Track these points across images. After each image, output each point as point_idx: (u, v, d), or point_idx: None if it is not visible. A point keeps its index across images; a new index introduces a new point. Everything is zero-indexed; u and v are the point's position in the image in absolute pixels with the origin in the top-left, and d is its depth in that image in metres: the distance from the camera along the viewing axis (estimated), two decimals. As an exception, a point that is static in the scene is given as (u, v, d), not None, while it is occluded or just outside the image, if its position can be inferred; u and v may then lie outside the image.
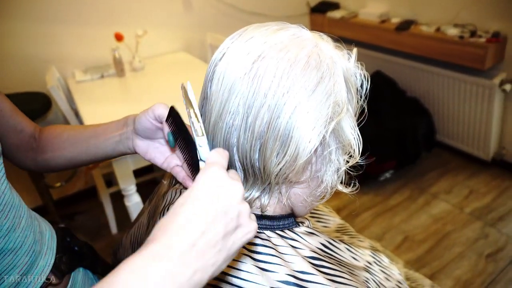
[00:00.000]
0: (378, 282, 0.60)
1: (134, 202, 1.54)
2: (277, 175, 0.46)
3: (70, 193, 2.29)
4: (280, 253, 0.49)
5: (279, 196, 0.51)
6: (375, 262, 0.64)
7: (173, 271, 0.31)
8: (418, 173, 2.30)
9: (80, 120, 1.77)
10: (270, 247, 0.49)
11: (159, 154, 0.58)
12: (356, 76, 0.50)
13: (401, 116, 2.26)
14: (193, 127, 0.45)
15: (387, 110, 2.26)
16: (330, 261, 0.52)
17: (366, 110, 0.52)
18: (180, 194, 0.58)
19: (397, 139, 2.19)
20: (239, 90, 0.44)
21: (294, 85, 0.43)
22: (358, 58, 0.51)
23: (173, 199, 0.58)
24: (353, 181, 0.54)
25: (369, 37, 2.45)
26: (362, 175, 0.53)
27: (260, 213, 0.52)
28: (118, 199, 1.96)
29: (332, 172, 0.50)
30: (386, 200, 2.13)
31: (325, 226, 0.75)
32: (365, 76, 0.51)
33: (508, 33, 1.94)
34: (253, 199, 0.49)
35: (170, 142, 0.49)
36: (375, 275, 0.61)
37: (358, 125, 0.51)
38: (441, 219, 1.96)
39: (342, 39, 0.58)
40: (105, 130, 0.61)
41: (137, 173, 1.65)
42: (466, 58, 1.99)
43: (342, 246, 0.59)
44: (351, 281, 0.51)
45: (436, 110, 2.37)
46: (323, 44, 0.48)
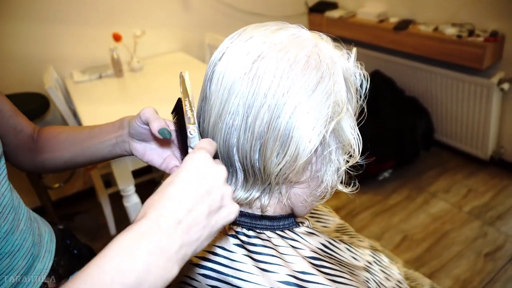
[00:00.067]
0: (378, 282, 0.60)
1: (133, 203, 1.54)
2: (277, 175, 0.46)
3: (69, 194, 2.28)
4: (280, 253, 0.49)
5: (279, 196, 0.51)
6: (375, 262, 0.64)
7: (161, 246, 0.34)
8: (417, 173, 2.30)
9: (78, 121, 1.76)
10: (270, 248, 0.49)
11: (157, 155, 0.58)
12: (355, 76, 0.50)
13: (399, 115, 2.26)
14: (187, 115, 0.47)
15: (386, 110, 2.27)
16: (330, 261, 0.52)
17: (365, 110, 0.52)
18: None
19: (396, 139, 2.19)
20: (239, 90, 0.44)
21: (294, 85, 0.43)
22: (357, 58, 0.51)
23: None
24: (353, 181, 0.54)
25: (367, 36, 2.46)
26: (361, 175, 0.53)
27: (260, 214, 0.52)
28: (117, 199, 1.95)
29: (332, 172, 0.50)
30: (385, 200, 2.13)
31: (325, 226, 0.75)
32: (364, 76, 0.51)
33: (506, 32, 1.95)
34: (253, 199, 0.49)
35: (164, 135, 0.51)
36: (375, 275, 0.61)
37: (357, 125, 0.51)
38: (439, 218, 1.96)
39: (341, 39, 0.58)
40: (101, 133, 0.61)
41: (136, 174, 1.65)
42: (464, 57, 1.99)
43: (342, 246, 0.59)
44: (352, 281, 0.51)
45: (434, 109, 2.37)
46: (322, 44, 0.48)
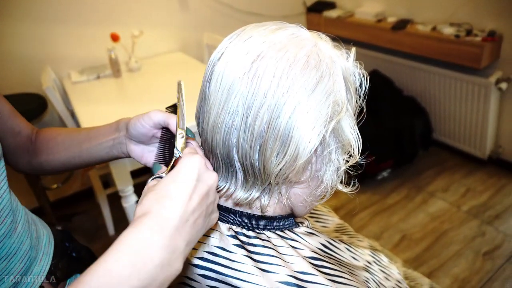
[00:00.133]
0: (378, 282, 0.60)
1: (131, 203, 1.54)
2: (277, 175, 0.46)
3: (67, 195, 2.28)
4: (280, 253, 0.49)
5: (279, 196, 0.51)
6: (374, 262, 0.64)
7: (173, 242, 0.36)
8: (415, 172, 2.31)
9: (76, 121, 1.75)
10: (270, 248, 0.48)
11: None
12: (355, 76, 0.50)
13: (398, 115, 2.26)
14: (182, 120, 0.50)
15: (385, 110, 2.27)
16: (330, 261, 0.52)
17: (364, 110, 0.52)
18: None
19: (395, 138, 2.20)
20: (238, 90, 0.44)
21: (294, 84, 0.43)
22: (355, 58, 0.51)
23: None
24: (352, 181, 0.54)
25: (365, 36, 2.46)
26: (360, 175, 0.53)
27: (260, 214, 0.51)
28: (115, 200, 1.95)
29: (332, 172, 0.49)
30: (383, 199, 2.13)
31: (324, 226, 0.75)
32: (364, 76, 0.51)
33: (504, 32, 1.95)
34: (253, 199, 0.49)
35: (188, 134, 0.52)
36: (375, 274, 0.61)
37: (357, 125, 0.50)
38: (438, 218, 1.96)
39: (339, 39, 0.57)
40: (98, 134, 0.61)
41: (134, 174, 1.65)
42: (462, 57, 2.00)
43: (342, 246, 0.59)
44: (352, 281, 0.51)
45: (432, 109, 2.37)
46: (322, 43, 0.48)
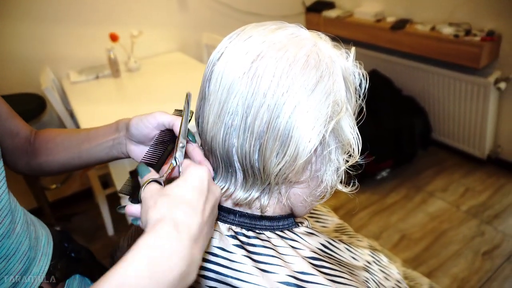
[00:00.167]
0: (377, 282, 0.60)
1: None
2: (277, 175, 0.46)
3: (66, 195, 2.27)
4: (280, 253, 0.48)
5: (278, 196, 0.51)
6: (374, 262, 0.64)
7: (190, 253, 0.36)
8: (415, 172, 2.31)
9: (75, 121, 1.75)
10: (270, 248, 0.48)
11: None
12: (354, 75, 0.50)
13: (397, 115, 2.27)
14: (185, 131, 0.50)
15: (384, 109, 2.27)
16: (330, 261, 0.52)
17: (364, 110, 0.52)
18: None
19: (394, 138, 2.20)
20: (238, 89, 0.44)
21: (294, 84, 0.43)
22: (355, 58, 0.51)
23: None
24: (352, 181, 0.54)
25: (365, 36, 2.46)
26: (359, 174, 0.53)
27: (259, 214, 0.51)
28: (114, 200, 1.95)
29: (331, 172, 0.49)
30: (383, 199, 2.13)
31: (324, 226, 0.75)
32: (363, 75, 0.51)
33: (503, 32, 1.95)
34: (253, 199, 0.49)
35: (190, 137, 0.52)
36: (375, 274, 0.61)
37: (357, 124, 0.50)
38: (437, 217, 1.97)
39: (338, 39, 0.57)
40: (97, 135, 0.61)
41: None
42: (461, 56, 2.00)
43: (341, 246, 0.59)
44: (351, 281, 0.51)
45: (431, 108, 2.38)
46: (321, 43, 0.48)
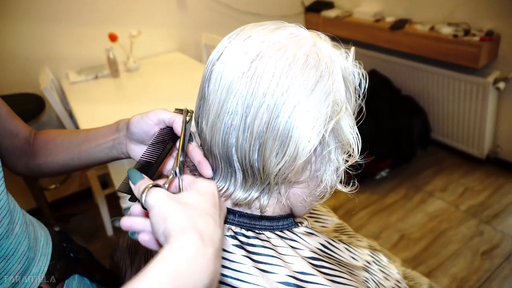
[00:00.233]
0: (377, 282, 0.60)
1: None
2: (276, 175, 0.45)
3: (65, 195, 2.27)
4: (279, 254, 0.48)
5: (278, 196, 0.51)
6: (374, 262, 0.64)
7: (214, 268, 0.34)
8: (414, 172, 2.31)
9: (74, 121, 1.75)
10: (269, 248, 0.48)
11: None
12: (354, 75, 0.50)
13: (396, 115, 2.27)
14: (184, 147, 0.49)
15: (383, 109, 2.27)
16: (329, 261, 0.52)
17: (364, 109, 0.52)
18: None
19: (393, 138, 2.20)
20: (238, 89, 0.43)
21: (293, 84, 0.43)
22: (354, 57, 0.51)
23: None
24: (352, 180, 0.54)
25: (364, 36, 2.46)
26: (358, 174, 0.53)
27: (259, 214, 0.51)
28: (113, 200, 1.94)
29: (331, 172, 0.49)
30: (382, 199, 2.13)
31: (323, 226, 0.75)
32: (363, 75, 0.50)
33: (502, 32, 1.96)
34: (252, 199, 0.49)
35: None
36: (374, 274, 0.61)
37: (356, 124, 0.50)
38: (436, 217, 1.97)
39: (338, 38, 0.57)
40: (97, 135, 0.61)
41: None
42: (460, 56, 2.00)
43: (341, 246, 0.59)
44: (351, 281, 0.51)
45: (430, 108, 2.38)
46: (321, 43, 0.48)
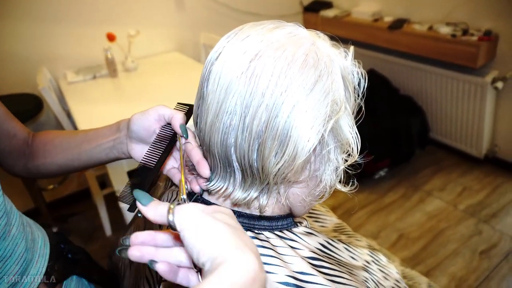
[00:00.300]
0: (376, 282, 0.59)
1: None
2: (275, 175, 0.45)
3: (63, 195, 2.26)
4: (279, 254, 0.48)
5: (277, 196, 0.50)
6: (373, 261, 0.64)
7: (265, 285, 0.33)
8: (412, 171, 2.31)
9: (72, 122, 1.74)
10: (269, 248, 0.48)
11: None
12: (353, 74, 0.50)
13: (395, 114, 2.27)
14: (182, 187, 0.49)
15: (382, 109, 2.27)
16: (329, 261, 0.52)
17: (363, 109, 0.52)
18: (177, 195, 0.57)
19: (392, 138, 2.20)
20: (236, 89, 0.43)
21: (292, 83, 0.42)
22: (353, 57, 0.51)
23: (170, 201, 0.57)
24: (351, 180, 0.53)
25: (362, 35, 2.46)
26: (357, 174, 0.53)
27: (258, 214, 0.51)
28: (112, 201, 1.94)
29: (331, 171, 0.49)
30: (381, 198, 2.14)
31: (323, 226, 0.75)
32: (362, 74, 0.50)
33: (500, 31, 1.96)
34: (252, 199, 0.49)
35: (183, 132, 0.52)
36: (374, 274, 0.61)
37: (355, 124, 0.50)
38: (435, 217, 1.97)
39: (337, 38, 0.57)
40: (97, 136, 0.60)
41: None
42: (459, 56, 2.00)
43: (340, 245, 0.58)
44: (351, 281, 0.51)
45: (429, 108, 2.38)
46: (320, 42, 0.48)
